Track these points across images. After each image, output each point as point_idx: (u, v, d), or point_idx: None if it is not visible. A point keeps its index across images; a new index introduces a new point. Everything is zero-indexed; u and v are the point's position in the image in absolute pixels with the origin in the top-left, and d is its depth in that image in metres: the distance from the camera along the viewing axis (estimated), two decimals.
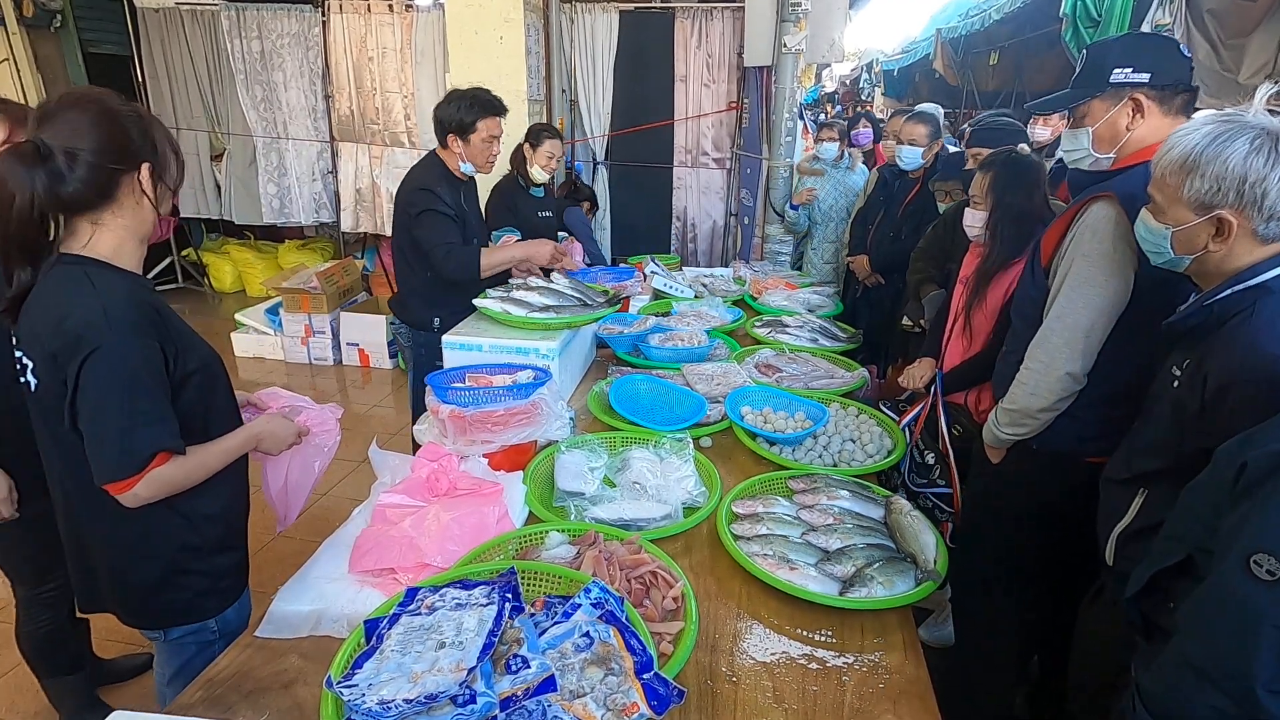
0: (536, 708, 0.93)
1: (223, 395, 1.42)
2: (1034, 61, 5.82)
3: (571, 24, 5.01)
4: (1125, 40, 1.62)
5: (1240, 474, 0.93)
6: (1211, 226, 1.16)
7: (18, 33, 5.21)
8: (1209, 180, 1.13)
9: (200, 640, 1.44)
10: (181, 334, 1.30)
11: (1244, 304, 1.14)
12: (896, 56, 9.44)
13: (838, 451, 1.93)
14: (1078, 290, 1.53)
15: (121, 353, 1.17)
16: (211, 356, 1.38)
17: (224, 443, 1.36)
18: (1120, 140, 1.54)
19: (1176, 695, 0.97)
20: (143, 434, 1.19)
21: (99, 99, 1.20)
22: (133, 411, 1.18)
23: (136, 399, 1.18)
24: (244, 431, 1.41)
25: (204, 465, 1.31)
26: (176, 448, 1.24)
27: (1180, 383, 1.22)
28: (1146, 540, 1.18)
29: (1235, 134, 1.11)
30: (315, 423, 1.59)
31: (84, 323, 1.16)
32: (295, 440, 1.52)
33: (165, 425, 1.22)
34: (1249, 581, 0.87)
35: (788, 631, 1.31)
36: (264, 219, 5.94)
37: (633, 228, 5.46)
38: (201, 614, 1.43)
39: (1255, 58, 3.01)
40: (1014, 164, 2.10)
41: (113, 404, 1.17)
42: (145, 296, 1.24)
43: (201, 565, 1.40)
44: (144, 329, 1.20)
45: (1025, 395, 1.63)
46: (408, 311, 2.70)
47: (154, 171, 1.24)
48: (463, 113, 2.45)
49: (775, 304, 3.21)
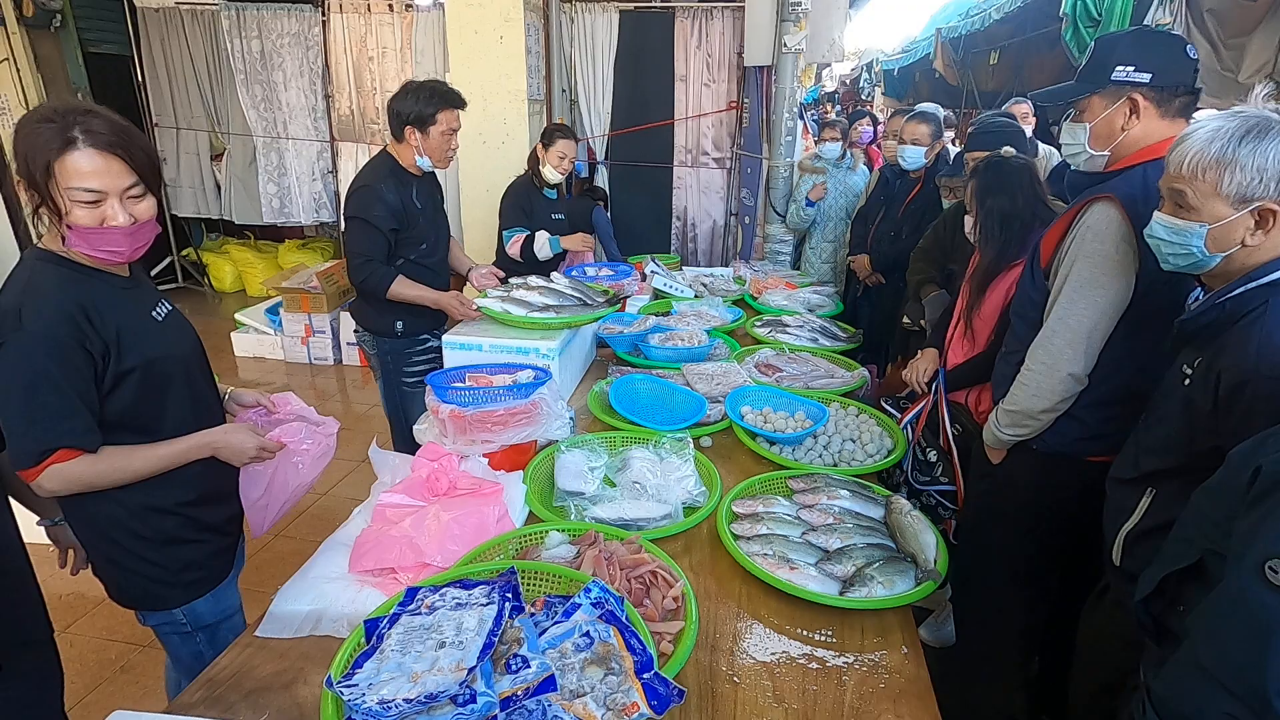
0: (536, 707, 0.93)
1: (183, 392, 1.41)
2: (1034, 61, 5.81)
3: (571, 24, 5.01)
4: (1132, 36, 1.59)
5: (1255, 478, 0.92)
6: (1251, 219, 1.15)
7: (18, 33, 5.20)
8: (1250, 172, 1.12)
9: (176, 630, 1.48)
10: (127, 332, 1.29)
11: (1257, 301, 1.14)
12: (896, 56, 9.43)
13: (838, 451, 1.93)
14: (1080, 291, 1.53)
15: (27, 350, 1.19)
16: (169, 355, 1.38)
17: (161, 448, 1.35)
18: (1115, 139, 1.54)
19: (1189, 701, 0.96)
20: (39, 430, 1.21)
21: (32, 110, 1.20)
22: (33, 406, 1.20)
23: (39, 395, 1.20)
24: (195, 438, 1.39)
25: (124, 467, 1.30)
26: (82, 445, 1.24)
27: (1191, 381, 1.22)
28: (1155, 540, 1.17)
29: (1265, 127, 1.12)
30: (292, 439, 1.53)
31: (2, 316, 1.20)
32: (259, 455, 1.45)
33: (68, 422, 1.22)
34: (1264, 587, 0.86)
35: (788, 631, 1.31)
36: (264, 219, 5.95)
37: (633, 227, 5.45)
38: (163, 603, 1.45)
39: (1255, 58, 3.01)
40: (995, 168, 2.13)
41: (13, 400, 1.20)
42: (77, 296, 1.24)
43: (154, 555, 1.41)
44: (58, 329, 1.21)
45: (1027, 396, 1.63)
46: (367, 317, 2.59)
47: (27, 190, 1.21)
48: (422, 104, 2.35)
49: (775, 304, 3.21)
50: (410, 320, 2.55)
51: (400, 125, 2.39)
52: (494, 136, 4.40)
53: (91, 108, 1.22)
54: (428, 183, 2.57)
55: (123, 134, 1.22)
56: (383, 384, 2.69)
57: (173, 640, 1.52)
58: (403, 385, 2.64)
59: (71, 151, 1.17)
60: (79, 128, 1.17)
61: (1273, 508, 0.89)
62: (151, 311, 1.39)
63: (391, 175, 2.42)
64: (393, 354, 2.59)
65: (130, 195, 1.25)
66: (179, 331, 1.45)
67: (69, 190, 1.18)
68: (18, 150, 1.17)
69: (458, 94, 2.44)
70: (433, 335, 2.64)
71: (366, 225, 2.36)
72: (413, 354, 2.61)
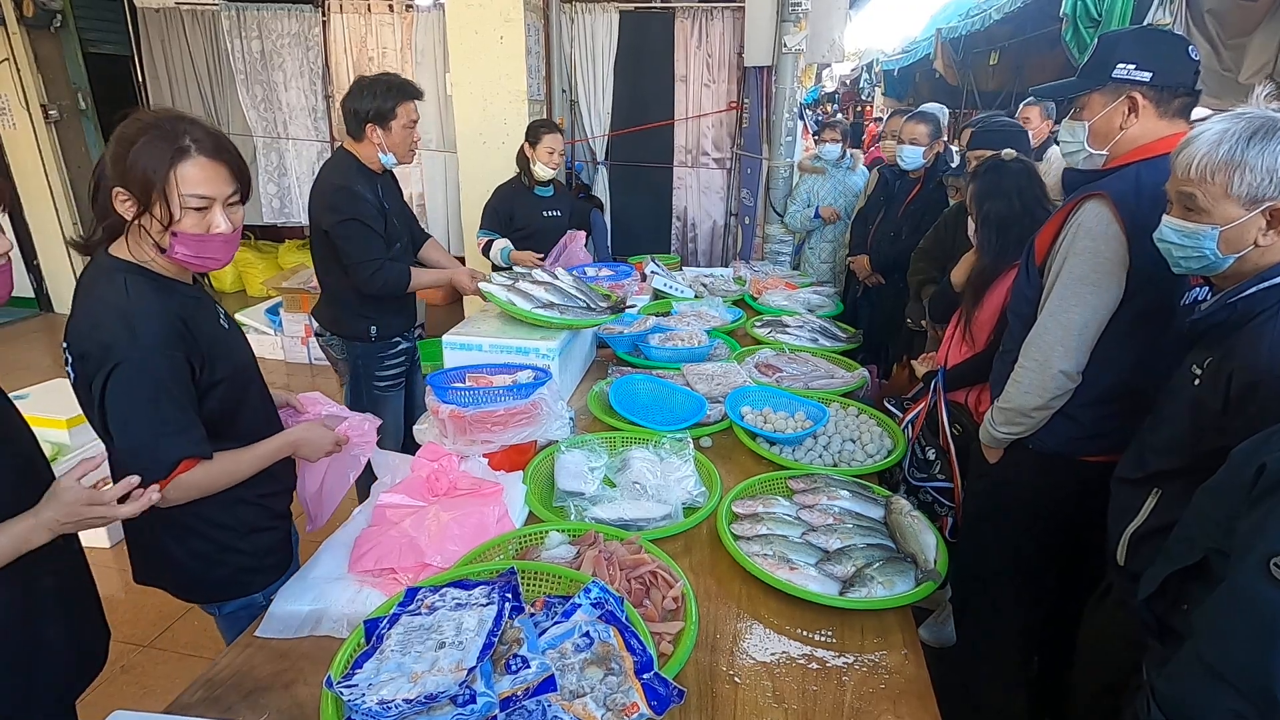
0: (536, 708, 0.93)
1: (255, 396, 1.48)
2: (1034, 61, 5.81)
3: (571, 24, 5.01)
4: (1135, 35, 1.59)
5: (1259, 475, 0.92)
6: (1263, 219, 1.15)
7: (18, 33, 5.21)
8: (1260, 173, 1.12)
9: (252, 613, 1.50)
10: (214, 342, 1.34)
11: (1268, 302, 1.14)
12: (896, 56, 9.43)
13: (838, 451, 1.93)
14: (1071, 288, 1.53)
15: (145, 367, 1.21)
16: (245, 362, 1.44)
17: (258, 449, 1.41)
18: (1113, 138, 1.54)
19: (1193, 699, 0.96)
20: (166, 444, 1.24)
21: (131, 120, 1.21)
22: (157, 422, 1.23)
23: (160, 410, 1.23)
24: (281, 438, 1.46)
25: (233, 472, 1.36)
26: (202, 454, 1.29)
27: (1201, 381, 1.21)
28: (1160, 540, 1.17)
29: (1272, 127, 1.12)
30: (354, 433, 1.62)
31: (111, 335, 1.20)
32: (333, 449, 1.55)
33: (189, 434, 1.27)
34: (1268, 584, 0.86)
35: (788, 631, 1.31)
36: (264, 219, 5.94)
37: (633, 228, 5.46)
38: (247, 589, 1.51)
39: (1255, 58, 3.01)
40: (993, 171, 2.14)
41: (138, 416, 1.22)
42: (175, 308, 1.27)
43: (241, 544, 1.46)
44: (170, 342, 1.24)
45: (1020, 394, 1.63)
46: (337, 322, 2.49)
47: (130, 198, 1.20)
48: (380, 99, 2.25)
49: (775, 304, 3.21)
50: (384, 324, 2.49)
51: (359, 124, 2.29)
52: (494, 136, 4.40)
53: (185, 114, 1.24)
54: (390, 181, 2.50)
55: (223, 141, 1.26)
56: (349, 389, 2.59)
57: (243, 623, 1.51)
58: (374, 389, 2.57)
59: (186, 159, 1.20)
60: (188, 136, 1.20)
61: (1276, 505, 0.89)
62: (220, 320, 1.41)
63: (360, 174, 2.35)
64: (364, 358, 2.52)
65: (230, 202, 1.27)
66: (242, 338, 1.49)
67: (182, 197, 1.20)
68: (129, 161, 1.18)
69: (413, 85, 2.35)
70: (404, 338, 2.60)
71: (364, 227, 2.29)
72: (385, 358, 2.55)
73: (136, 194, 1.19)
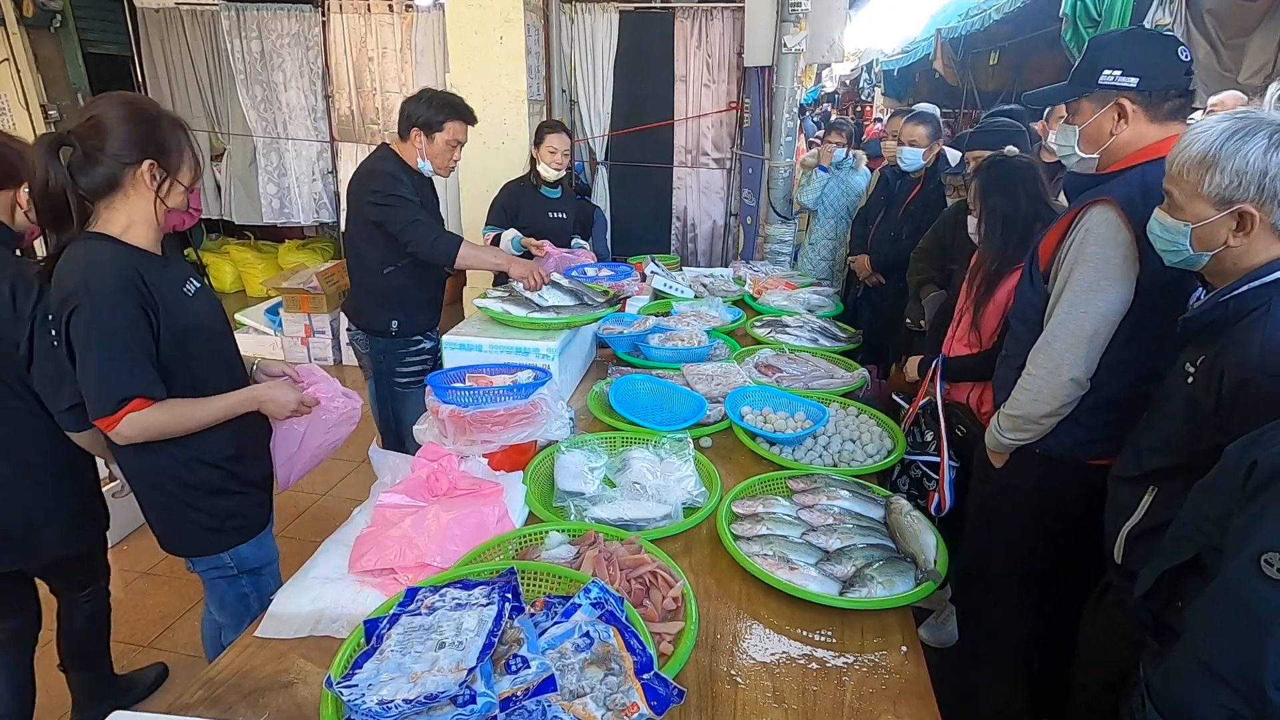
0: (536, 708, 0.93)
1: (216, 359, 1.57)
2: (1034, 61, 5.82)
3: (571, 24, 5.01)
4: (1122, 38, 1.58)
5: (1250, 473, 0.92)
6: (1232, 221, 1.16)
7: (18, 33, 5.20)
8: (1230, 175, 1.13)
9: (223, 574, 1.65)
10: (170, 299, 1.44)
11: (1260, 300, 1.14)
12: (896, 56, 9.43)
13: (838, 451, 1.92)
14: (1081, 295, 1.52)
15: (97, 311, 1.33)
16: (205, 324, 1.53)
17: (219, 400, 1.51)
18: (1104, 143, 1.54)
19: (1187, 695, 0.97)
20: (114, 381, 1.35)
21: (125, 102, 1.38)
22: (105, 360, 1.34)
23: (110, 349, 1.34)
24: (245, 392, 1.56)
25: (191, 416, 1.46)
26: (153, 394, 1.39)
27: (1195, 379, 1.22)
28: (1156, 539, 1.18)
29: (1253, 130, 1.12)
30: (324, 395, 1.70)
31: (70, 285, 1.33)
32: (299, 408, 1.63)
33: (137, 374, 1.37)
34: (1260, 581, 0.86)
35: (788, 631, 1.31)
36: (264, 219, 5.94)
37: (633, 228, 5.46)
38: (210, 548, 1.61)
39: (1255, 58, 3.01)
40: (997, 168, 2.14)
41: (89, 355, 1.34)
42: (134, 264, 1.38)
43: (202, 504, 1.56)
44: (124, 290, 1.35)
45: (1029, 401, 1.62)
46: (361, 315, 2.57)
47: (159, 167, 1.40)
48: (433, 111, 2.38)
49: (775, 304, 3.21)
50: (406, 319, 2.54)
51: (407, 126, 2.41)
52: (494, 137, 4.40)
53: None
54: (426, 183, 2.57)
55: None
56: (373, 384, 2.66)
57: (219, 585, 1.66)
58: (395, 385, 2.62)
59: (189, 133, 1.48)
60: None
61: (1269, 502, 0.89)
62: (182, 287, 1.50)
63: (400, 166, 2.43)
64: (386, 353, 2.57)
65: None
66: (208, 305, 1.57)
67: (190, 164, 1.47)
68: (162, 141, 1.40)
69: (470, 110, 2.47)
70: (426, 336, 2.64)
71: (406, 201, 2.35)
72: (406, 354, 2.60)
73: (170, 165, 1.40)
